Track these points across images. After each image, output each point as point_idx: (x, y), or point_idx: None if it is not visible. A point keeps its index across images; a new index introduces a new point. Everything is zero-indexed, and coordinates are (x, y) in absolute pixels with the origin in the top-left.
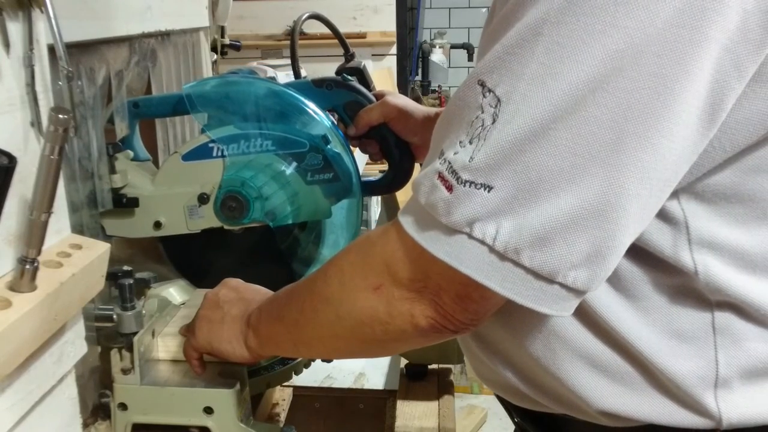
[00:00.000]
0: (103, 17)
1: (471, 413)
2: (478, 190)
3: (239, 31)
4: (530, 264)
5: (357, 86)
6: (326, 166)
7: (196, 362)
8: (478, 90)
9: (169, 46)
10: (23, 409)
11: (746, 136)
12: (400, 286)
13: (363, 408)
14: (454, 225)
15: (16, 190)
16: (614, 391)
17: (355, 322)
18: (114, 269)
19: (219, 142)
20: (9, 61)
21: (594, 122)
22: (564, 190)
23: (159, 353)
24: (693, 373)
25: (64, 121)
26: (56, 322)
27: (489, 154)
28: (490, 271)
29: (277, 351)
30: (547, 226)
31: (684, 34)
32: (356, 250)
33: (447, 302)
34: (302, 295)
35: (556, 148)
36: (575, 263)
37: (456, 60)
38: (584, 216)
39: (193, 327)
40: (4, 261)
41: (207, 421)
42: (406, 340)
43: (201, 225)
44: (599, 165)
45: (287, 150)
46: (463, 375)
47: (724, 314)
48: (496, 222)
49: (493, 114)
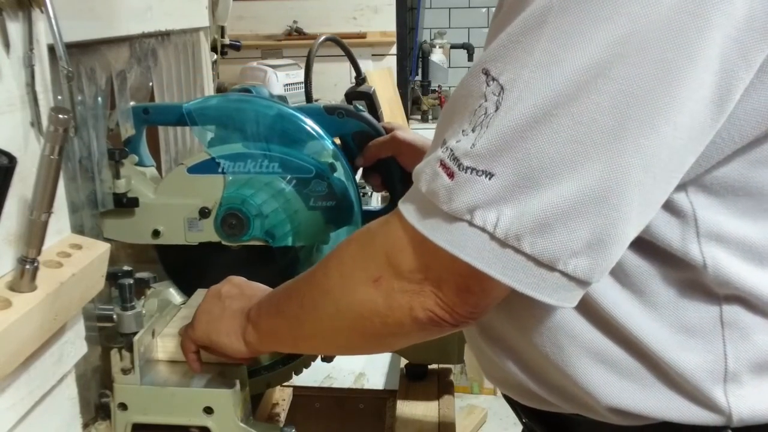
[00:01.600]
0: (103, 17)
1: (471, 413)
2: (479, 177)
3: (239, 31)
4: (531, 251)
5: (368, 117)
6: (330, 194)
7: (193, 356)
8: (482, 79)
9: (170, 46)
10: (23, 409)
11: (754, 126)
12: (400, 278)
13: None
14: (454, 212)
15: (16, 190)
16: (623, 388)
17: (354, 315)
18: (114, 269)
19: (225, 159)
20: (9, 61)
21: (596, 108)
22: (565, 176)
23: (158, 354)
24: (702, 368)
25: (64, 121)
26: (56, 322)
27: (491, 140)
28: (491, 259)
29: (277, 346)
30: (548, 213)
31: (688, 21)
32: (357, 241)
33: (447, 294)
34: (302, 290)
35: (557, 135)
36: (576, 251)
37: (456, 60)
38: (585, 202)
39: (193, 320)
40: (4, 261)
41: (207, 421)
42: (405, 334)
43: (199, 238)
44: (601, 151)
45: (293, 174)
46: (463, 375)
47: (731, 308)
48: (497, 209)
49: (497, 102)
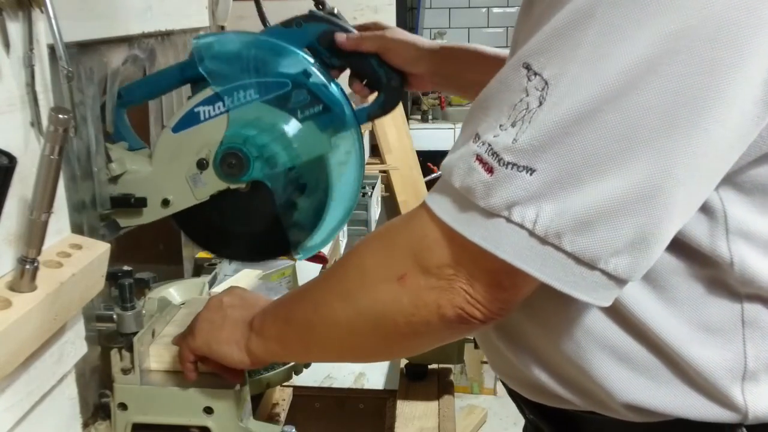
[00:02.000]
0: (103, 17)
1: (471, 413)
2: (520, 173)
3: None
4: (571, 249)
5: (326, 16)
6: (314, 100)
7: (190, 365)
8: (523, 73)
9: (169, 46)
10: (23, 409)
11: None
12: (427, 275)
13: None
14: (492, 208)
15: (16, 190)
16: (639, 384)
17: (376, 316)
18: (114, 269)
19: (202, 106)
20: (9, 61)
21: (645, 105)
22: (610, 173)
23: (151, 363)
24: (720, 366)
25: (64, 121)
26: (56, 322)
27: (534, 136)
28: (529, 256)
29: (284, 355)
30: (590, 211)
31: (743, 17)
32: (378, 238)
33: (478, 290)
34: (316, 294)
35: (604, 131)
36: (618, 249)
37: None
38: (630, 201)
39: (192, 328)
40: (4, 261)
41: (207, 421)
42: (431, 334)
43: (207, 191)
44: (649, 149)
45: (271, 94)
46: (463, 375)
47: (753, 306)
48: (537, 206)
49: (540, 97)
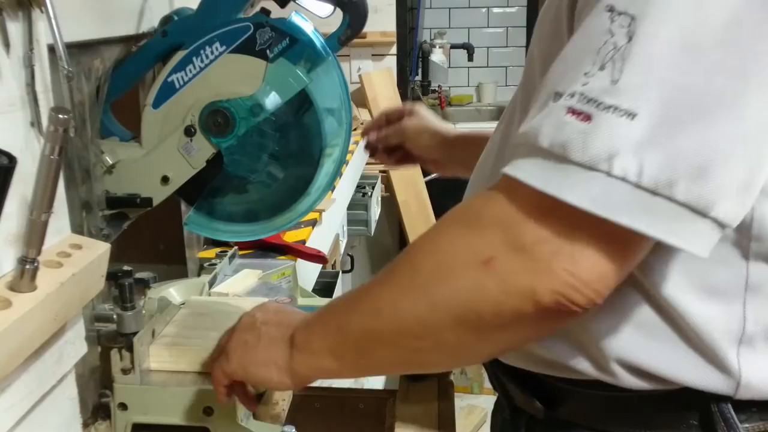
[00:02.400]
0: (103, 17)
1: (471, 413)
2: (620, 118)
3: None
4: (685, 198)
5: None
6: (278, 34)
7: (223, 389)
8: (606, 16)
9: None
10: (23, 409)
11: None
12: (521, 254)
13: (363, 408)
14: (591, 161)
15: (16, 190)
16: (634, 340)
17: (455, 307)
18: (114, 269)
19: (174, 73)
20: (9, 61)
21: (753, 34)
22: (722, 109)
23: (151, 363)
24: (720, 327)
25: (64, 121)
26: (56, 322)
27: (635, 72)
28: (637, 213)
29: (340, 371)
30: (705, 154)
31: None
32: (454, 221)
33: (583, 267)
34: (375, 294)
35: (710, 66)
36: (729, 194)
37: (456, 60)
38: (744, 140)
39: (225, 350)
40: (4, 261)
41: (207, 422)
42: (520, 327)
43: (203, 157)
44: (760, 84)
45: (236, 41)
46: (463, 375)
47: (758, 271)
48: (639, 155)
49: (627, 33)
